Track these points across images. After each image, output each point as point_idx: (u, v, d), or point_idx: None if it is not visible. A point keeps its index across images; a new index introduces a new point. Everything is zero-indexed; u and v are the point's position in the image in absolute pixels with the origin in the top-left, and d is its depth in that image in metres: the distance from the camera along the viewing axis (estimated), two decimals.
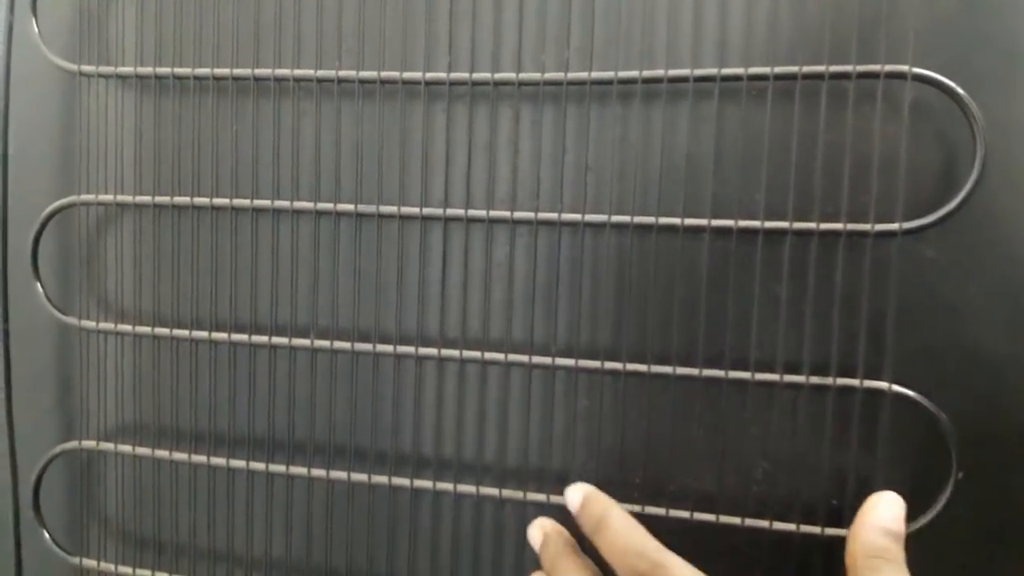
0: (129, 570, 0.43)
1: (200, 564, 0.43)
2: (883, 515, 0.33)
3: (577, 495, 0.36)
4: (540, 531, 0.37)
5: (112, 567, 0.43)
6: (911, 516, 0.34)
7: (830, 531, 0.35)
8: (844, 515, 0.35)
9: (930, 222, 0.34)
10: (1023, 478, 0.35)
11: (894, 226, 0.34)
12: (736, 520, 0.36)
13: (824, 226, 0.35)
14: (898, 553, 0.32)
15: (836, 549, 0.35)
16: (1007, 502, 0.35)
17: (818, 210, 0.35)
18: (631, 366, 0.37)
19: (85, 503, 0.44)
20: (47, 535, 0.44)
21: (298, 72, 0.39)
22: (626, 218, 0.36)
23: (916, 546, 0.33)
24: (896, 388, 0.35)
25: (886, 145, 0.35)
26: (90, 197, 0.42)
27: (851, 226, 0.34)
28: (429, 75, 0.38)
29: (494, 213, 0.38)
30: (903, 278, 0.35)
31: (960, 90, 0.33)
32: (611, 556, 0.34)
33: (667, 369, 0.36)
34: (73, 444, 0.43)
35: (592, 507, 0.35)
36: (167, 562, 0.43)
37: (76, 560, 0.44)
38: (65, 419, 0.45)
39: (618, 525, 0.34)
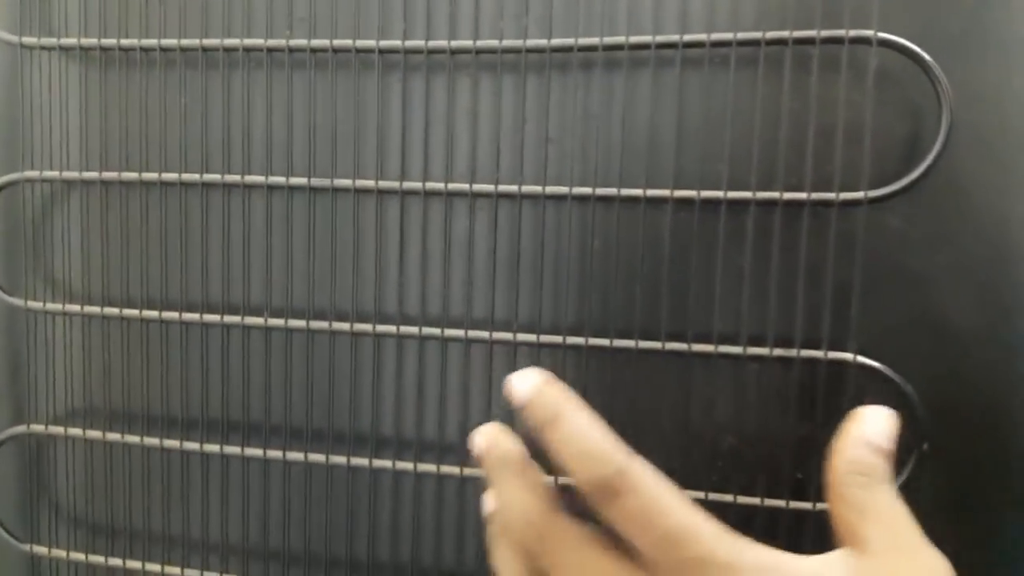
0: (82, 556, 0.42)
1: (154, 549, 0.42)
2: (870, 429, 0.29)
3: (526, 385, 0.29)
4: (484, 437, 0.31)
5: (64, 554, 0.42)
6: None
7: (795, 504, 0.35)
8: (809, 488, 0.34)
9: (896, 190, 0.33)
10: (988, 449, 0.34)
11: (859, 195, 0.33)
12: (700, 495, 0.35)
13: (788, 196, 0.34)
14: (884, 470, 0.29)
15: (801, 522, 0.34)
16: (972, 473, 0.35)
17: (782, 180, 0.34)
18: (593, 341, 0.36)
19: (35, 489, 0.43)
20: None
21: (248, 42, 0.38)
22: (588, 190, 0.36)
23: None
24: (861, 359, 0.34)
25: (851, 113, 0.34)
26: (35, 174, 0.41)
27: (815, 195, 0.34)
28: (383, 43, 0.37)
29: (452, 186, 0.37)
30: (868, 248, 0.34)
31: (926, 55, 0.33)
32: (567, 459, 0.28)
33: (630, 343, 0.36)
34: (21, 428, 0.42)
35: (544, 399, 0.29)
36: (121, 548, 0.42)
37: (27, 547, 0.43)
38: (14, 403, 0.43)
39: (575, 422, 0.28)
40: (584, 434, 0.28)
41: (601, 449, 0.27)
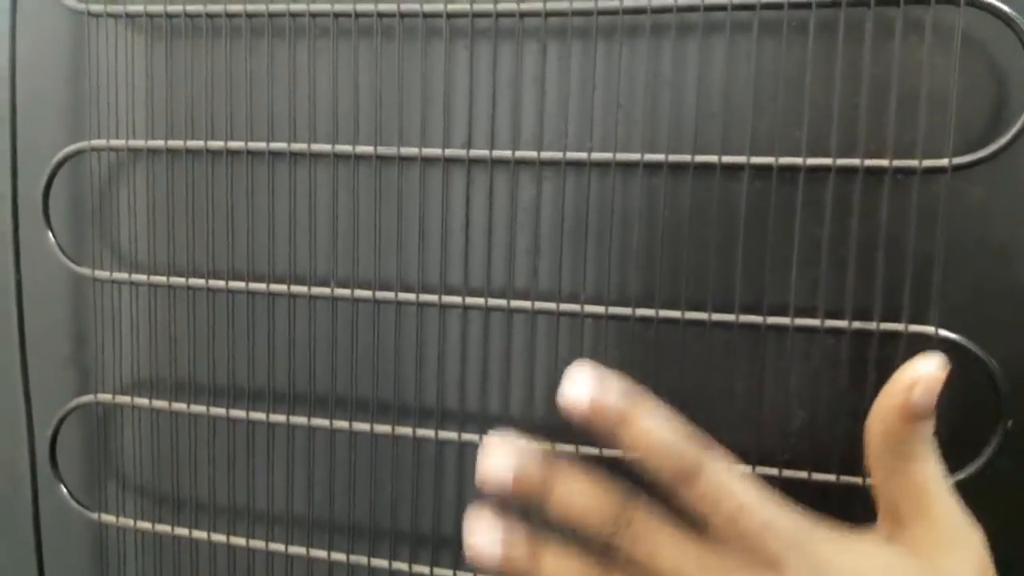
0: (148, 525, 0.42)
1: (220, 519, 0.42)
2: (908, 395, 0.28)
3: (583, 387, 0.29)
4: (514, 457, 0.30)
5: (131, 522, 0.43)
6: (958, 465, 0.33)
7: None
8: None
9: (981, 157, 0.32)
10: None
11: (943, 162, 0.32)
12: (774, 471, 0.35)
13: (869, 163, 0.33)
14: (921, 436, 0.29)
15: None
16: None
17: (862, 146, 0.33)
18: (664, 313, 0.35)
19: (102, 457, 0.44)
20: (65, 490, 0.43)
21: (314, 7, 0.37)
22: (659, 157, 0.35)
23: (964, 495, 0.32)
24: (943, 333, 0.33)
25: (935, 78, 0.33)
26: (101, 143, 0.41)
27: (897, 162, 0.33)
28: (451, 7, 0.36)
29: (520, 154, 0.36)
30: (951, 219, 0.33)
31: (1016, 16, 0.31)
32: (645, 453, 0.29)
33: (702, 316, 0.35)
34: (89, 398, 0.43)
35: (607, 401, 0.29)
36: (186, 517, 0.42)
37: (94, 515, 0.43)
38: (80, 372, 0.44)
39: (647, 419, 0.29)
40: (658, 429, 0.29)
41: (677, 441, 0.29)
